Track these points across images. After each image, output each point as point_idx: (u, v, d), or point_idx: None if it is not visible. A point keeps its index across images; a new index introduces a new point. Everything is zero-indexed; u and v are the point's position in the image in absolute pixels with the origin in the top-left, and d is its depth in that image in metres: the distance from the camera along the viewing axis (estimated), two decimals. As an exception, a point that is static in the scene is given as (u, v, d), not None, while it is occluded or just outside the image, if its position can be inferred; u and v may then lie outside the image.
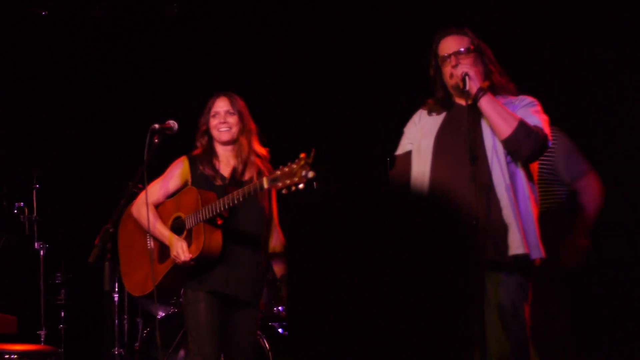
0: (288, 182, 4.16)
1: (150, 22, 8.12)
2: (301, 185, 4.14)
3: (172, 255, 4.62)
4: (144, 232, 4.82)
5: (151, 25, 8.14)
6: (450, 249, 1.46)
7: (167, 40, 8.13)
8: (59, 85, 8.17)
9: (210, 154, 4.82)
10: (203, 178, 4.76)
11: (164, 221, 4.78)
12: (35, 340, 6.85)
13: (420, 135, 4.23)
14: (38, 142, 8.00)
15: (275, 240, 4.88)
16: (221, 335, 4.71)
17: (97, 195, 4.99)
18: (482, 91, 4.02)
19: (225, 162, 4.83)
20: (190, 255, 4.55)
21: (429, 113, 4.29)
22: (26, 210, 7.16)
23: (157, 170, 4.90)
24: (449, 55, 4.14)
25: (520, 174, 4.06)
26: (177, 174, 4.82)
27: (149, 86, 7.98)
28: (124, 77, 8.15)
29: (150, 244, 4.80)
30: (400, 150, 4.36)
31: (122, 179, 4.83)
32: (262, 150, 4.89)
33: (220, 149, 4.85)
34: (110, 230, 4.35)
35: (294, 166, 4.16)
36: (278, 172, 4.22)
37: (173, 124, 4.67)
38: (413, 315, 1.40)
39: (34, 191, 7.22)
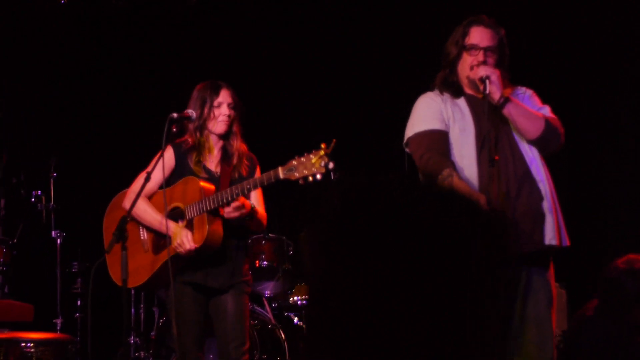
0: (305, 172, 4.08)
1: (169, 11, 8.12)
2: (319, 176, 4.05)
3: (174, 245, 4.47)
4: (135, 222, 4.68)
5: (170, 14, 8.14)
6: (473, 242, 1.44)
7: (186, 29, 8.14)
8: (77, 73, 8.19)
9: (200, 146, 4.69)
10: (188, 170, 4.67)
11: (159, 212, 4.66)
12: (51, 328, 6.88)
13: (451, 121, 4.08)
14: (56, 131, 8.02)
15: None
16: (204, 326, 4.67)
17: (114, 183, 4.97)
18: (506, 100, 4.00)
19: (214, 153, 4.74)
20: (195, 245, 4.46)
21: (441, 92, 4.15)
22: (43, 198, 7.18)
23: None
24: (479, 49, 4.06)
25: (545, 166, 4.08)
26: (166, 165, 4.63)
27: (168, 74, 7.98)
28: (143, 65, 8.16)
29: (143, 234, 4.73)
30: (430, 126, 4.08)
31: (139, 168, 4.81)
32: (244, 146, 4.79)
33: (211, 140, 4.74)
34: (127, 219, 4.35)
35: (312, 156, 4.08)
36: (294, 162, 4.13)
37: (192, 112, 4.64)
38: (424, 311, 1.39)
39: (52, 180, 7.23)
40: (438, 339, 1.32)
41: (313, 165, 4.07)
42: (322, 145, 4.07)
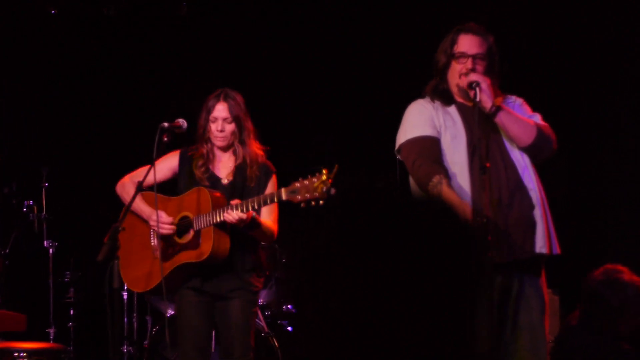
0: (307, 196, 4.11)
1: (160, 21, 8.12)
2: (321, 202, 4.08)
3: (151, 226, 4.62)
4: (147, 227, 4.75)
5: (161, 24, 8.14)
6: (462, 248, 1.46)
7: (178, 39, 8.14)
8: (68, 83, 8.18)
9: (208, 156, 4.77)
10: (190, 175, 4.73)
11: None
12: (44, 338, 6.87)
13: (443, 128, 4.10)
14: (47, 140, 8.01)
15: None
16: (207, 331, 4.72)
17: (106, 193, 4.98)
18: (498, 108, 4.00)
19: (225, 164, 4.79)
20: (171, 219, 4.57)
21: (432, 100, 4.16)
22: (35, 208, 7.17)
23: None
24: (468, 56, 4.07)
25: (536, 173, 4.10)
26: (167, 166, 4.78)
27: (159, 84, 7.99)
28: (133, 75, 8.15)
29: (154, 241, 4.75)
30: (422, 132, 4.10)
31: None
32: (259, 151, 4.80)
33: (219, 152, 4.80)
34: (120, 228, 4.36)
35: (315, 180, 4.11)
36: (297, 184, 4.17)
37: (182, 122, 4.65)
38: (420, 314, 1.40)
39: (43, 189, 7.23)
40: (437, 339, 1.33)
41: (315, 189, 4.10)
42: (324, 170, 4.10)
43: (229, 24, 8.10)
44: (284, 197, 4.23)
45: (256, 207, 4.40)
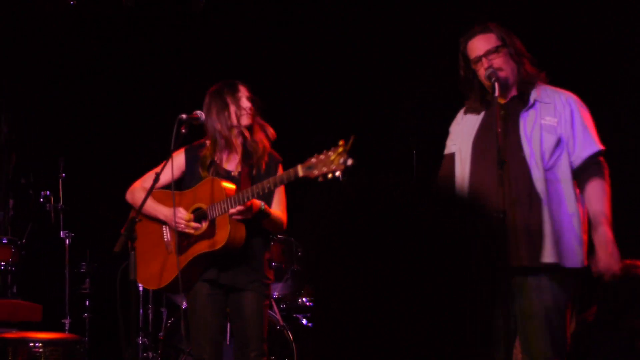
0: (325, 169, 4.07)
1: (178, 13, 8.13)
2: (338, 173, 4.05)
3: (174, 226, 4.53)
4: (159, 223, 4.73)
5: (179, 16, 8.14)
6: (475, 248, 1.44)
7: (195, 31, 8.14)
8: (86, 74, 8.20)
9: (219, 148, 4.69)
10: (197, 175, 4.67)
11: None
12: (60, 328, 6.89)
13: (460, 137, 4.17)
14: (64, 131, 8.03)
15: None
16: (220, 323, 4.70)
17: (123, 184, 4.99)
18: (600, 225, 4.08)
19: (231, 157, 4.73)
20: (190, 215, 4.51)
21: (466, 112, 4.22)
22: (52, 199, 7.19)
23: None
24: (480, 58, 4.07)
25: (563, 181, 4.03)
26: (175, 165, 4.67)
27: (177, 75, 7.99)
28: (152, 66, 8.17)
29: (167, 235, 4.73)
30: (446, 151, 4.28)
31: (148, 169, 4.82)
32: (265, 140, 4.74)
33: (225, 145, 4.70)
34: (137, 219, 4.35)
35: (331, 153, 4.08)
36: (313, 160, 4.13)
37: (200, 114, 4.64)
38: (436, 312, 1.39)
39: (60, 180, 7.24)
40: (438, 339, 1.32)
41: (332, 162, 4.06)
42: (340, 142, 4.06)
43: (228, 25, 8.09)
44: (300, 173, 4.18)
45: (272, 187, 4.35)
